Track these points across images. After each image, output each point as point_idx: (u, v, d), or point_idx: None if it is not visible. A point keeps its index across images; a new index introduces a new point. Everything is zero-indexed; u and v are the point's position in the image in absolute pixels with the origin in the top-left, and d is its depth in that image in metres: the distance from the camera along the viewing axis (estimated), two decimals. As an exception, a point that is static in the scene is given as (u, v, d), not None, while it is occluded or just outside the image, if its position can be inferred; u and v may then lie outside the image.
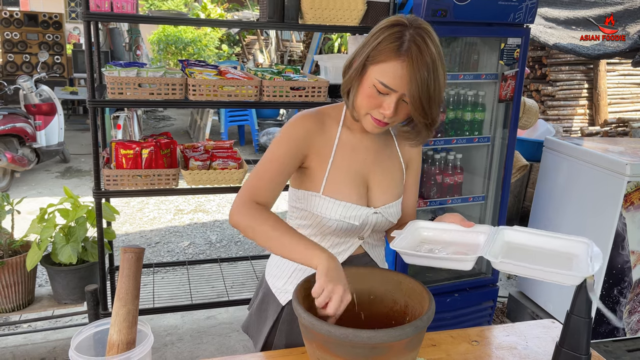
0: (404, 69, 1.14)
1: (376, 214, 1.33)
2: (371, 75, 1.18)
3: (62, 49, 8.28)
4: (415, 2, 2.32)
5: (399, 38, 1.14)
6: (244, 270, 3.32)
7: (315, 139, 1.30)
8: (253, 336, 1.51)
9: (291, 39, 13.48)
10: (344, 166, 1.31)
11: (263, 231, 1.18)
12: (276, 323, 1.41)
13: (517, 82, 2.58)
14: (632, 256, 2.71)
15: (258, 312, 1.49)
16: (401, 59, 1.14)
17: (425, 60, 1.13)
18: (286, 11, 2.43)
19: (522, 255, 1.17)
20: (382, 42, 1.16)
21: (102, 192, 2.41)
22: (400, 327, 1.01)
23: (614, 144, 3.09)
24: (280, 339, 1.40)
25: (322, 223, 1.31)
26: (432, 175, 2.72)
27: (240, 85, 2.41)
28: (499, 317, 3.35)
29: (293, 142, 1.28)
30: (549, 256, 1.18)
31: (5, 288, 2.49)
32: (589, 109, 6.01)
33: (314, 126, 1.30)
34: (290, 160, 1.27)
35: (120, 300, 1.05)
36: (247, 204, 1.22)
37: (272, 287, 1.44)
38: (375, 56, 1.16)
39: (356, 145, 1.34)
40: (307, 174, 1.32)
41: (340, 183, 1.30)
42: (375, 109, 1.21)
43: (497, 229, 1.25)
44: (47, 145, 5.87)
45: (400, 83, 1.15)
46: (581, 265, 1.10)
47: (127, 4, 2.31)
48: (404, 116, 1.24)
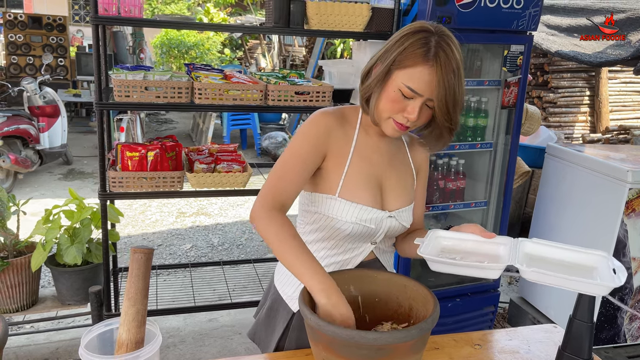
0: (432, 74, 1.16)
1: (390, 217, 1.34)
2: (397, 79, 1.19)
3: (65, 51, 8.30)
4: (420, 8, 2.35)
5: (425, 44, 1.17)
6: (247, 273, 3.33)
7: (335, 138, 1.30)
8: (261, 343, 1.49)
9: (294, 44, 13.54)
10: (360, 169, 1.32)
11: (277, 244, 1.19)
12: (286, 330, 1.40)
13: (520, 89, 2.60)
14: (633, 263, 2.72)
15: (266, 319, 1.47)
16: (429, 64, 1.16)
17: (452, 65, 1.16)
18: (292, 16, 2.45)
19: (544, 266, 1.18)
20: (408, 47, 1.18)
21: (108, 193, 2.43)
22: (406, 329, 1.02)
23: (616, 151, 3.11)
24: (290, 346, 1.39)
25: (336, 227, 1.31)
26: (434, 180, 2.74)
27: (245, 90, 2.43)
28: (500, 322, 3.36)
29: (314, 140, 1.27)
30: (570, 268, 1.20)
31: (9, 288, 2.50)
32: (590, 116, 6.04)
33: (335, 124, 1.31)
34: (312, 158, 1.27)
35: (130, 299, 1.07)
36: (267, 209, 1.21)
37: (282, 294, 1.42)
38: (402, 61, 1.18)
39: (372, 149, 1.35)
40: (322, 175, 1.32)
41: (356, 185, 1.30)
42: (398, 113, 1.22)
43: (517, 240, 1.26)
44: (50, 147, 5.89)
45: (427, 88, 1.17)
46: (603, 277, 1.12)
47: (134, 7, 2.34)
48: (424, 120, 1.26)
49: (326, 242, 1.36)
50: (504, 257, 1.20)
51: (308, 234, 1.39)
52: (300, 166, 1.25)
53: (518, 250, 1.21)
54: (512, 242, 1.25)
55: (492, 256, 1.24)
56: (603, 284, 1.07)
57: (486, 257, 1.23)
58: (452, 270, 1.18)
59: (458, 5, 2.32)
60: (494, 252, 1.25)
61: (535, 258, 1.24)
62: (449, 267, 1.17)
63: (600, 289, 1.07)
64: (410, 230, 1.45)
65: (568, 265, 1.22)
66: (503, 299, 3.47)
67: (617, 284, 1.06)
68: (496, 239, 1.27)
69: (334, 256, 1.37)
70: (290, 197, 1.25)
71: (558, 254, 1.24)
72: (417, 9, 2.38)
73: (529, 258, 1.23)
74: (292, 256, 1.16)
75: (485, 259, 1.22)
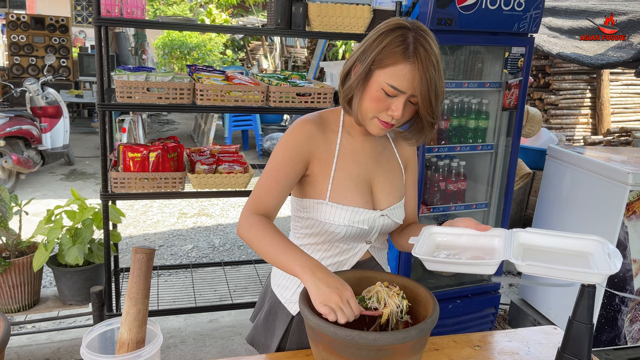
0: (413, 70, 1.17)
1: (383, 216, 1.35)
2: (378, 79, 1.20)
3: (68, 52, 8.33)
4: (421, 10, 2.36)
5: (403, 41, 1.17)
6: (248, 274, 3.34)
7: (317, 144, 1.31)
8: (260, 347, 1.49)
9: (295, 45, 13.55)
10: (347, 171, 1.33)
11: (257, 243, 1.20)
12: (286, 334, 1.40)
13: (521, 91, 2.61)
14: (634, 265, 2.72)
15: (265, 324, 1.47)
16: (410, 61, 1.17)
17: (432, 60, 1.17)
18: (293, 18, 2.46)
19: (539, 257, 1.19)
20: (387, 45, 1.18)
21: (110, 194, 2.44)
22: (405, 330, 1.03)
23: (617, 153, 3.11)
24: (290, 349, 1.39)
25: (329, 230, 1.31)
26: (435, 181, 2.75)
27: (247, 91, 2.44)
28: (500, 323, 3.36)
29: (295, 149, 1.28)
30: (566, 256, 1.20)
31: (11, 288, 2.51)
32: (591, 118, 6.04)
33: (316, 131, 1.31)
34: (294, 166, 1.27)
35: (131, 299, 1.08)
36: (249, 217, 1.23)
37: (281, 297, 1.42)
38: (382, 60, 1.18)
39: (357, 150, 1.36)
40: (310, 182, 1.33)
41: (345, 188, 1.31)
42: (382, 112, 1.23)
43: (511, 231, 1.25)
44: (53, 148, 5.91)
45: (410, 84, 1.18)
46: (599, 263, 1.11)
47: (136, 9, 2.35)
48: (408, 116, 1.27)
49: (321, 245, 1.36)
50: (499, 251, 1.20)
51: (302, 237, 1.39)
52: (281, 176, 1.26)
53: (513, 242, 1.20)
54: (506, 233, 1.25)
55: (489, 249, 1.24)
56: (599, 273, 1.06)
57: (482, 251, 1.23)
58: (447, 268, 1.17)
59: (459, 7, 2.33)
60: (489, 245, 1.25)
61: (531, 248, 1.23)
62: (444, 265, 1.17)
63: (596, 277, 1.07)
64: (404, 225, 1.46)
65: (564, 253, 1.21)
66: (504, 300, 3.47)
67: (613, 271, 1.05)
68: (491, 231, 1.27)
69: (330, 258, 1.37)
70: (272, 206, 1.26)
71: (553, 242, 1.24)
72: (419, 11, 2.38)
73: (524, 249, 1.23)
74: (274, 248, 1.16)
75: (481, 252, 1.22)
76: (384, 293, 1.17)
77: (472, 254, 1.22)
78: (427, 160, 2.75)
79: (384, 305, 1.16)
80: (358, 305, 1.08)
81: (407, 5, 2.54)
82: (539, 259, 1.16)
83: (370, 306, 1.17)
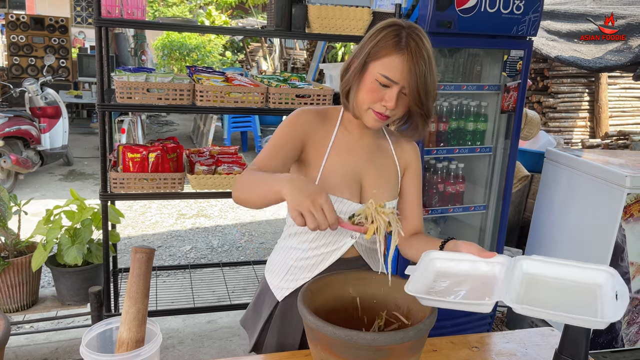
0: (404, 62, 1.22)
1: None
2: (373, 70, 1.26)
3: (67, 52, 8.33)
4: (421, 13, 2.36)
5: (397, 35, 1.24)
6: (246, 275, 3.34)
7: (315, 131, 1.36)
8: (248, 329, 1.56)
9: (295, 47, 13.57)
10: (338, 163, 1.36)
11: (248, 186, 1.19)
12: (269, 319, 1.46)
13: (520, 94, 2.62)
14: (632, 267, 2.73)
15: (254, 307, 1.54)
16: (401, 53, 1.23)
17: (422, 53, 1.23)
18: (293, 20, 2.47)
19: (543, 290, 1.13)
20: (381, 39, 1.25)
21: (109, 194, 2.44)
22: (403, 330, 1.03)
23: (615, 156, 3.12)
24: (272, 335, 1.44)
25: None
26: (434, 183, 2.75)
27: (246, 92, 2.45)
28: (498, 326, 3.36)
29: (294, 128, 1.34)
30: (572, 290, 1.13)
31: (10, 288, 2.51)
32: (590, 122, 6.05)
33: (315, 119, 1.38)
34: (289, 144, 1.32)
35: (131, 299, 1.08)
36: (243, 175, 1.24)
37: (269, 282, 1.49)
38: (377, 52, 1.25)
39: (352, 145, 1.40)
40: (302, 170, 1.38)
41: (333, 179, 1.35)
42: (377, 103, 1.28)
43: (515, 259, 1.20)
44: (51, 148, 5.91)
45: (402, 75, 1.23)
46: (605, 303, 1.05)
47: (137, 10, 2.36)
48: (402, 110, 1.30)
49: (307, 235, 1.39)
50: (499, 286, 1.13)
51: (291, 226, 1.43)
52: (277, 152, 1.30)
53: (514, 273, 1.14)
54: (509, 262, 1.19)
55: (490, 278, 1.18)
56: (600, 320, 0.99)
57: (482, 280, 1.18)
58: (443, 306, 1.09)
59: (458, 10, 2.34)
60: (490, 274, 1.19)
61: (534, 279, 1.17)
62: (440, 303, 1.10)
63: (598, 324, 1.00)
64: (409, 232, 1.46)
65: (570, 285, 1.14)
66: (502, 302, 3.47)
67: (616, 318, 0.98)
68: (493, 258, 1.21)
69: (315, 249, 1.40)
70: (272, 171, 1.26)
71: (559, 271, 1.17)
72: (418, 14, 2.39)
73: (528, 279, 1.17)
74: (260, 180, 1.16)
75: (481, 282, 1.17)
76: (372, 209, 1.14)
77: (472, 285, 1.17)
78: (426, 162, 2.76)
79: (371, 221, 1.14)
80: (333, 213, 1.04)
81: (406, 8, 2.55)
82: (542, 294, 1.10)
83: (358, 222, 1.15)
